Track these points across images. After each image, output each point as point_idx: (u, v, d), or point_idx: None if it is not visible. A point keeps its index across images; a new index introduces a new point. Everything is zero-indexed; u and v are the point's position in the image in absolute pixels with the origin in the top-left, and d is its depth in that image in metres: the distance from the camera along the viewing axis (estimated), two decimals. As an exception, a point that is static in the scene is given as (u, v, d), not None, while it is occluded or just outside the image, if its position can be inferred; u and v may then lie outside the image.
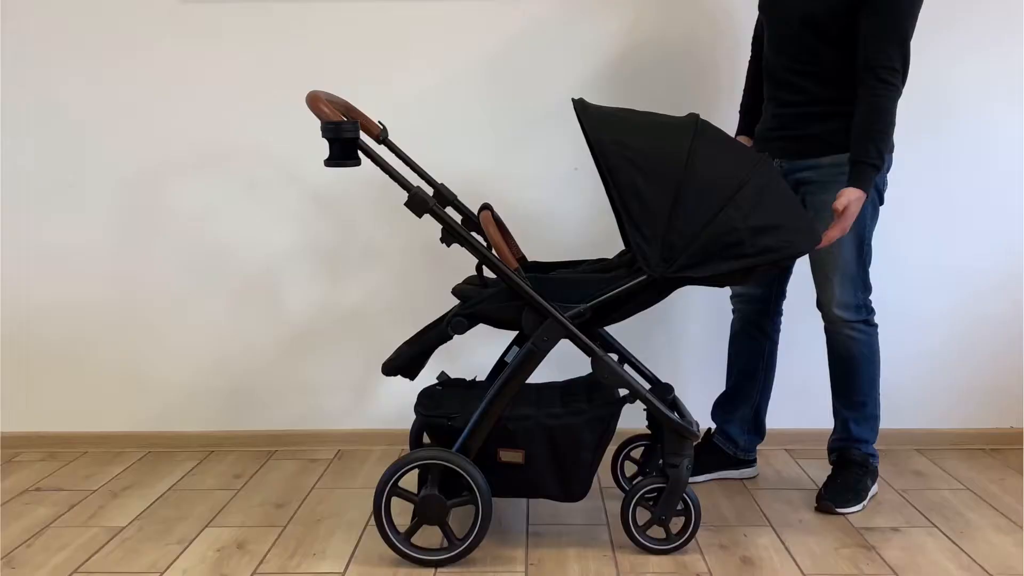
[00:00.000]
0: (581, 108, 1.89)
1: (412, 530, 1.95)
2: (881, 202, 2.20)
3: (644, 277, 1.86)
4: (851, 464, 2.28)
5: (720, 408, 2.46)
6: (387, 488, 1.92)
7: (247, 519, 2.24)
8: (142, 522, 2.23)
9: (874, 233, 2.18)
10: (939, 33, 2.52)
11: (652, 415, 2.10)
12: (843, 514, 2.21)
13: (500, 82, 2.59)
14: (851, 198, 1.99)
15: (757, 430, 2.46)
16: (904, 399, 2.69)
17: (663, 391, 2.09)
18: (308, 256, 2.69)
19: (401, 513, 1.96)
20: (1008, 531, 2.14)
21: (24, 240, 2.68)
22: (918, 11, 2.01)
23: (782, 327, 2.44)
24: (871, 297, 2.24)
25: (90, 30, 2.57)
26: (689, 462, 1.96)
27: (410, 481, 1.94)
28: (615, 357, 2.09)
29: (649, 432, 2.24)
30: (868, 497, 2.27)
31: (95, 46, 2.58)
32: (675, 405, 2.10)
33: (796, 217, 1.89)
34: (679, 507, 1.97)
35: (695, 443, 2.03)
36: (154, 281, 2.69)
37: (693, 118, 1.90)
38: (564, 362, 2.14)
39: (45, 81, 2.60)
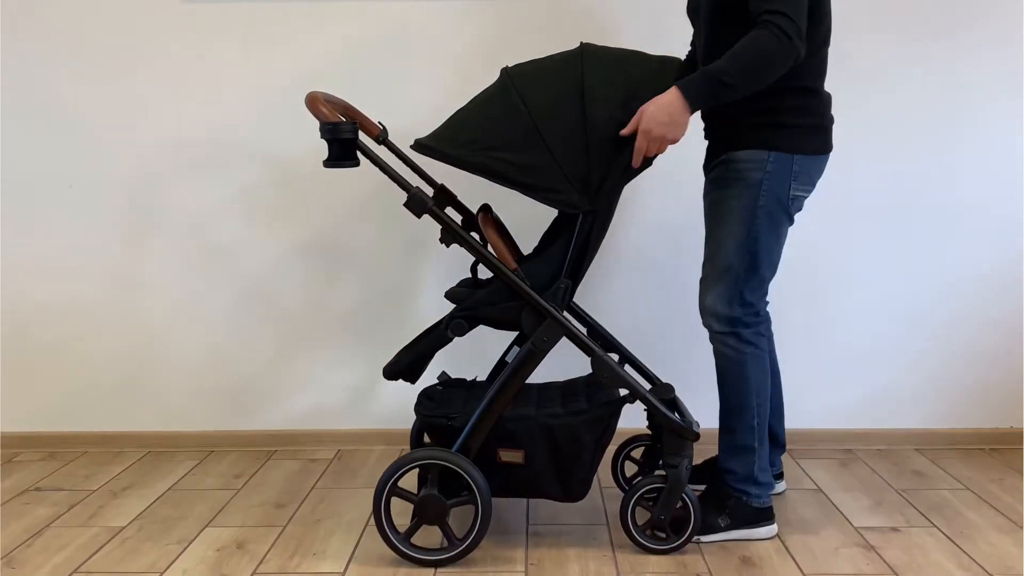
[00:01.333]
0: (420, 148, 1.85)
1: (412, 530, 1.95)
2: (790, 221, 1.99)
3: (582, 218, 1.87)
4: (713, 493, 2.10)
5: None
6: (387, 488, 1.92)
7: (247, 519, 2.24)
8: (142, 522, 2.23)
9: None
10: (941, 36, 2.53)
11: (652, 415, 2.10)
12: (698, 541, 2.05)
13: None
14: (646, 107, 1.78)
15: (774, 441, 2.23)
16: (904, 399, 2.70)
17: (663, 391, 2.09)
18: (308, 256, 2.69)
19: (401, 513, 1.96)
20: (1008, 531, 2.14)
21: (24, 240, 2.68)
22: None
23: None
24: (757, 319, 2.03)
25: (91, 30, 2.57)
26: (689, 462, 1.96)
27: (410, 481, 1.94)
28: (615, 357, 2.10)
29: (649, 432, 2.24)
30: (722, 536, 2.05)
31: (96, 46, 2.58)
32: (675, 405, 2.10)
33: (645, 63, 1.86)
34: (678, 507, 1.97)
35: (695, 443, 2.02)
36: (154, 281, 2.70)
37: (504, 72, 1.89)
38: (565, 362, 2.14)
39: (45, 81, 2.60)
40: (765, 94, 1.83)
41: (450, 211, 2.04)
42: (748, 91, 1.80)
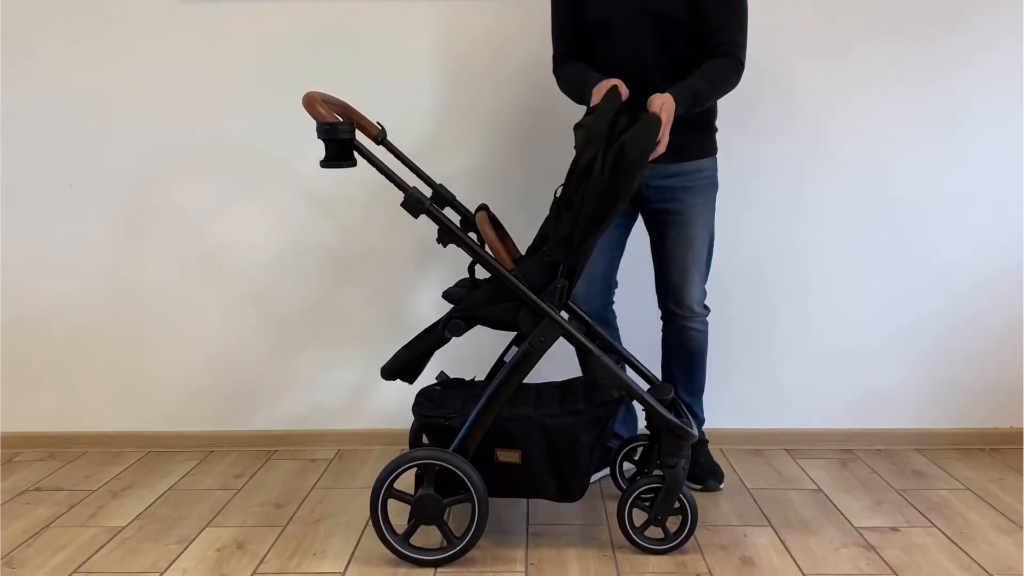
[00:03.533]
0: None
1: (411, 530, 1.95)
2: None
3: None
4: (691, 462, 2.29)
5: None
6: (383, 489, 1.92)
7: (247, 519, 2.24)
8: (142, 522, 2.23)
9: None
10: (941, 34, 2.53)
11: (650, 415, 2.10)
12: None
13: (502, 82, 2.59)
14: (665, 99, 1.93)
15: (628, 414, 2.46)
16: (904, 399, 2.69)
17: (661, 391, 2.09)
18: (307, 256, 2.69)
19: (401, 513, 1.96)
20: (1008, 531, 2.13)
21: (24, 240, 2.68)
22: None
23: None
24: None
25: (91, 30, 2.58)
26: (686, 462, 1.96)
27: (408, 481, 1.94)
28: (614, 357, 2.09)
29: (648, 432, 2.24)
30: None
31: (96, 46, 2.59)
32: (673, 405, 2.09)
33: (630, 121, 1.89)
34: (675, 507, 1.97)
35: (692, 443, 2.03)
36: (154, 281, 2.70)
37: None
38: (564, 361, 2.14)
39: (45, 81, 2.61)
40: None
41: (448, 211, 2.04)
42: (699, 111, 2.06)
